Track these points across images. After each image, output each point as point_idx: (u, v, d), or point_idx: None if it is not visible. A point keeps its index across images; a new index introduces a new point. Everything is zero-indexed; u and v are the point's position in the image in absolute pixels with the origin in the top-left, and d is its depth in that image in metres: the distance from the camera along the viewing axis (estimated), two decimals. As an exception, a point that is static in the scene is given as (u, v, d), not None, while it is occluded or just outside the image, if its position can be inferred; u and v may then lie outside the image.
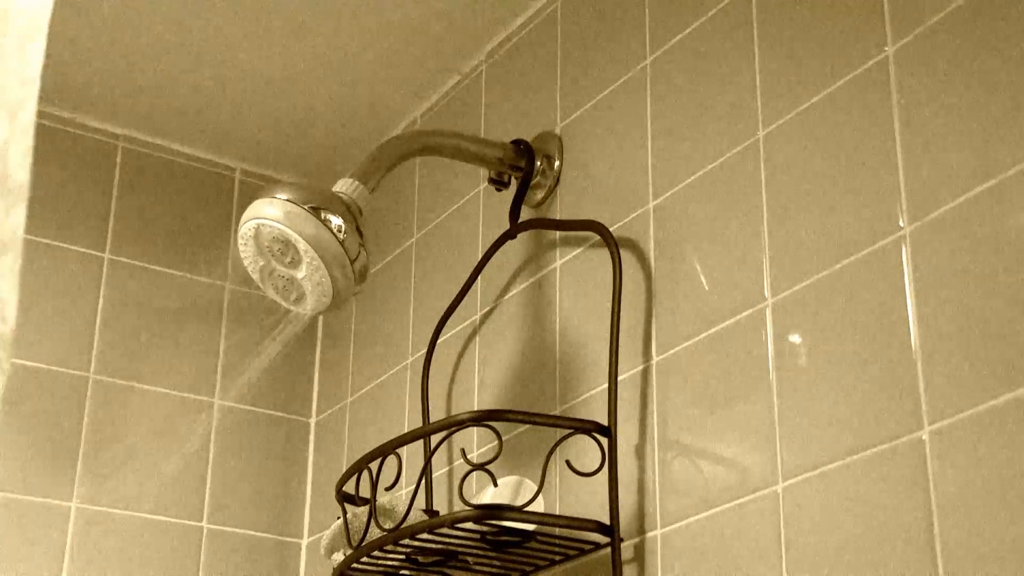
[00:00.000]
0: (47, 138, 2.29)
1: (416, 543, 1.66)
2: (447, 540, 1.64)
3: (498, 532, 1.64)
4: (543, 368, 1.86)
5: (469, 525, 1.62)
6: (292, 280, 1.68)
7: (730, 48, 1.67)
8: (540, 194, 1.94)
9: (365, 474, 1.69)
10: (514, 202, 1.93)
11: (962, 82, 1.36)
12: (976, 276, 1.30)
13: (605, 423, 1.63)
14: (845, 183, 1.47)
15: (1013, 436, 1.23)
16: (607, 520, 1.61)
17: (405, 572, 1.76)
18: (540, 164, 1.94)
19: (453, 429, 1.67)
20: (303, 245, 1.63)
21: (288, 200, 1.64)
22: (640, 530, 1.61)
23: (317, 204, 1.65)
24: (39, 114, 0.99)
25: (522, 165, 1.94)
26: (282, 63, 2.22)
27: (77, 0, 2.08)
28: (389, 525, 1.67)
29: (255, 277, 1.72)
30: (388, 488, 1.68)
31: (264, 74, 2.25)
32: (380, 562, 1.72)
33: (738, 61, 1.65)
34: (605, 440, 1.62)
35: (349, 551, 1.72)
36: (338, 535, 1.78)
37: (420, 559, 1.72)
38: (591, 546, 1.63)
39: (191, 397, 2.32)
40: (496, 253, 1.96)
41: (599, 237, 1.78)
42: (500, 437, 1.68)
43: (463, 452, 1.69)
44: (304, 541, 2.36)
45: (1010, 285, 1.27)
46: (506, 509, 1.59)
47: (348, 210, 1.67)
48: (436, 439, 1.85)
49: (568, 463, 1.60)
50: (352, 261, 1.65)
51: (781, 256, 1.52)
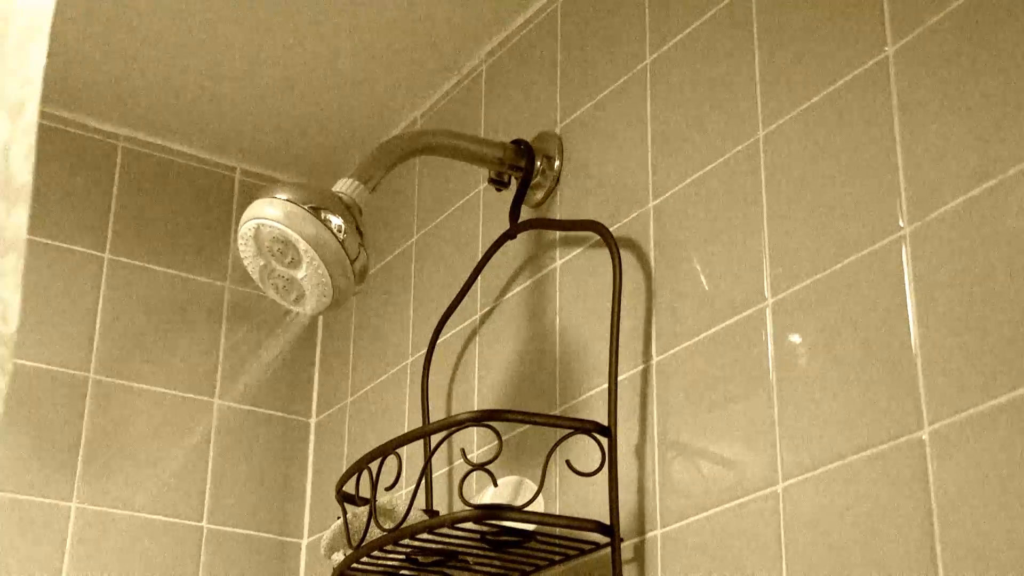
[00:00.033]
0: (47, 138, 2.29)
1: (416, 543, 1.66)
2: (447, 540, 1.64)
3: (498, 532, 1.64)
4: (543, 368, 1.86)
5: (469, 525, 1.61)
6: (292, 280, 1.68)
7: (730, 48, 1.67)
8: (540, 194, 1.94)
9: (365, 474, 1.69)
10: (514, 202, 1.93)
11: (962, 82, 1.36)
12: (976, 276, 1.30)
13: (605, 423, 1.63)
14: (845, 183, 1.47)
15: (1013, 436, 1.23)
16: (607, 520, 1.61)
17: (405, 572, 1.76)
18: (540, 164, 1.94)
19: (453, 429, 1.66)
20: (303, 245, 1.63)
21: (288, 200, 1.64)
22: (640, 530, 1.61)
23: (317, 204, 1.65)
24: (39, 114, 0.99)
25: (522, 165, 1.94)
26: (282, 63, 2.22)
27: (78, 0, 2.08)
28: (389, 525, 1.67)
29: (255, 277, 1.72)
30: (388, 488, 1.68)
31: (264, 74, 2.25)
32: (380, 562, 1.72)
33: (738, 61, 1.65)
34: (605, 440, 1.62)
35: (349, 551, 1.72)
36: (338, 535, 1.78)
37: (420, 559, 1.72)
38: (591, 546, 1.63)
39: (191, 397, 2.32)
40: (496, 253, 1.95)
41: (599, 237, 1.78)
42: (500, 437, 1.68)
43: (463, 452, 1.69)
44: (304, 541, 2.36)
45: (1010, 285, 1.27)
46: (506, 509, 1.59)
47: (348, 210, 1.67)
48: (436, 439, 1.85)
49: (568, 463, 1.60)
50: (352, 261, 1.65)
51: (781, 256, 1.52)
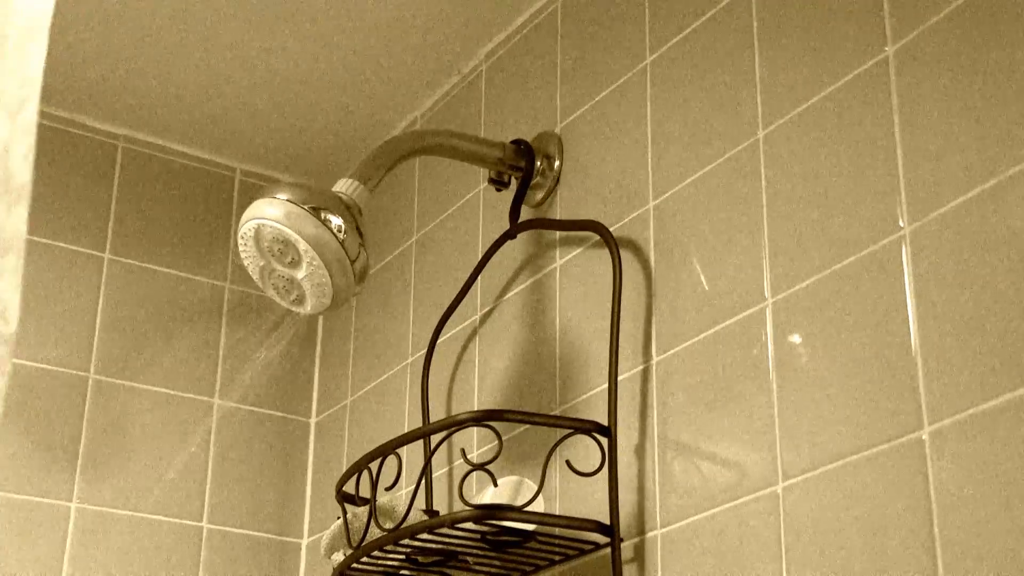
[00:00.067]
0: (47, 138, 2.29)
1: (416, 543, 1.66)
2: (447, 540, 1.64)
3: (498, 532, 1.64)
4: (543, 368, 1.86)
5: (469, 525, 1.61)
6: (292, 280, 1.68)
7: (730, 48, 1.67)
8: (540, 194, 1.94)
9: (365, 474, 1.69)
10: (514, 202, 1.93)
11: (962, 82, 1.36)
12: (976, 276, 1.30)
13: (605, 423, 1.63)
14: (845, 183, 1.47)
15: (1013, 436, 1.23)
16: (607, 520, 1.60)
17: (405, 572, 1.76)
18: (540, 164, 1.94)
19: (453, 429, 1.66)
20: (303, 245, 1.63)
21: (288, 200, 1.64)
22: (640, 530, 1.61)
23: (317, 204, 1.65)
24: (39, 114, 0.99)
25: (522, 165, 1.94)
26: (282, 63, 2.22)
27: (78, 0, 2.08)
28: (389, 525, 1.66)
29: (255, 277, 1.72)
30: (388, 488, 1.68)
31: (264, 74, 2.25)
32: (380, 562, 1.72)
33: (738, 61, 1.65)
34: (605, 440, 1.62)
35: (349, 551, 1.72)
36: (338, 535, 1.78)
37: (420, 559, 1.72)
38: (591, 546, 1.63)
39: (191, 397, 2.32)
40: (496, 253, 1.95)
41: (599, 237, 1.78)
42: (500, 437, 1.68)
43: (463, 452, 1.69)
44: (304, 541, 2.36)
45: (1010, 285, 1.27)
46: (506, 509, 1.59)
47: (348, 210, 1.67)
48: (436, 439, 1.85)
49: (568, 463, 1.60)
50: (352, 261, 1.65)
51: (781, 256, 1.52)
